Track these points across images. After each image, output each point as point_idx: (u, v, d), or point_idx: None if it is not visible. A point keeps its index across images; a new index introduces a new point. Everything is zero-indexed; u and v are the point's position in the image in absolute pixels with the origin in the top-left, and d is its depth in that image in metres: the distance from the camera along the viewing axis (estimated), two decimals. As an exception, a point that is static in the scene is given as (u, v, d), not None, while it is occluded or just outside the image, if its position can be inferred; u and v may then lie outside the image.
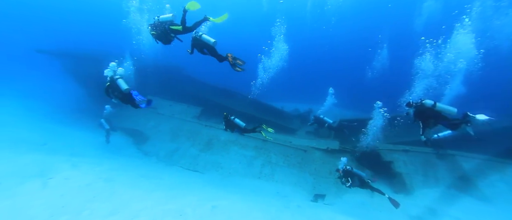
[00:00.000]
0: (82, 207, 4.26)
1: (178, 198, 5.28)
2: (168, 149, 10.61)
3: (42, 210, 4.16)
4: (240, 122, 7.07)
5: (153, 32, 5.32)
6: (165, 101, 13.13)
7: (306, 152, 9.33)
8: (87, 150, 8.34)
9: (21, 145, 7.16)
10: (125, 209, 4.37)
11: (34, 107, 12.42)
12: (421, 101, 5.32)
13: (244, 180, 8.81)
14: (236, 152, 10.05)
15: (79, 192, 4.72)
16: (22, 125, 9.21)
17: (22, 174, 5.34)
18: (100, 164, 6.73)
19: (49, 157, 6.38)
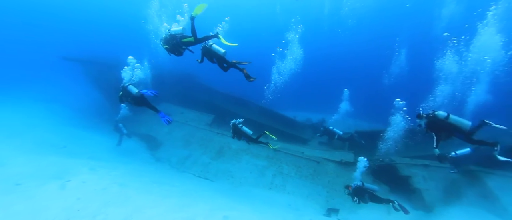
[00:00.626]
0: (97, 211, 4.34)
1: (189, 206, 5.27)
2: (180, 155, 10.71)
3: (59, 212, 4.28)
4: (248, 130, 7.06)
5: (166, 46, 5.52)
6: (179, 108, 13.38)
7: (319, 163, 9.12)
8: (104, 153, 8.59)
9: (43, 147, 7.50)
10: (138, 215, 4.40)
11: (58, 111, 13.05)
12: (433, 112, 5.11)
13: (255, 190, 8.69)
14: (248, 161, 9.98)
15: (95, 196, 4.82)
16: (46, 128, 9.68)
17: (42, 176, 5.55)
18: (115, 168, 6.89)
19: (68, 160, 6.61)
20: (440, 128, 5.03)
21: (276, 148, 7.38)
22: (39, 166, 5.95)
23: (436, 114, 5.03)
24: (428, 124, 5.16)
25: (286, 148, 10.22)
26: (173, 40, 5.38)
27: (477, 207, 7.53)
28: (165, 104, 13.92)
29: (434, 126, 5.10)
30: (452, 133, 4.97)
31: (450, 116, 4.90)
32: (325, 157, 9.19)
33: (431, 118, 5.10)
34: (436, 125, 5.05)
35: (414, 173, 8.61)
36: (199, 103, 13.73)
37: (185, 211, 4.96)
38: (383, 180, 8.57)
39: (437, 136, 5.11)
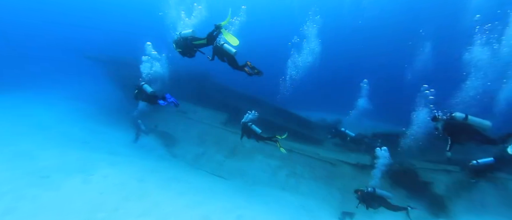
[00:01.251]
0: (118, 206, 4.53)
1: (204, 204, 5.37)
2: (195, 153, 10.92)
3: (83, 205, 4.51)
4: (257, 129, 7.12)
5: (179, 49, 5.66)
6: (195, 106, 13.62)
7: (334, 165, 8.95)
8: (123, 149, 8.93)
9: (68, 142, 7.93)
10: (155, 211, 4.55)
11: (81, 108, 13.77)
12: (450, 114, 4.82)
13: (268, 190, 8.69)
14: (261, 161, 9.99)
15: (115, 191, 5.04)
16: (70, 124, 10.24)
17: (67, 169, 5.88)
18: (133, 163, 7.16)
19: (90, 154, 6.96)
20: (459, 131, 4.74)
21: (283, 151, 7.33)
22: (65, 160, 6.29)
23: (453, 115, 4.74)
24: (445, 126, 4.88)
25: (299, 148, 10.12)
26: (185, 43, 5.50)
27: (503, 217, 7.10)
28: (180, 102, 14.19)
29: (452, 129, 4.81)
30: (471, 136, 4.69)
31: (468, 117, 4.60)
32: (341, 159, 9.00)
33: (448, 120, 4.82)
34: (454, 127, 4.77)
35: (435, 179, 8.24)
36: (213, 102, 13.90)
37: (200, 209, 5.06)
38: (402, 184, 8.26)
39: (453, 139, 4.82)
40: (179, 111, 13.52)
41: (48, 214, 4.23)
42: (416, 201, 7.89)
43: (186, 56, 5.81)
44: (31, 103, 12.94)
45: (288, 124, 12.33)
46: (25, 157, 6.20)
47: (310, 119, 13.82)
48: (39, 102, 13.42)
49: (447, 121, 4.84)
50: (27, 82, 18.04)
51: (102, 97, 15.87)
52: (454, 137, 4.81)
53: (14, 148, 6.65)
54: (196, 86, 14.69)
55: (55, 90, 16.86)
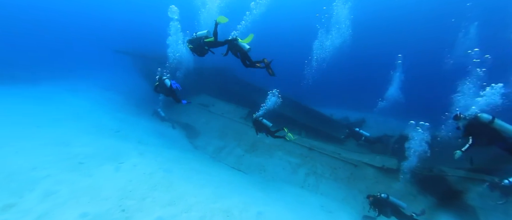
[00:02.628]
0: (146, 194, 4.78)
1: (225, 197, 5.48)
2: (216, 146, 11.16)
3: (114, 191, 4.81)
4: (268, 122, 7.35)
5: (191, 46, 6.00)
6: (216, 100, 13.86)
7: (357, 167, 8.67)
8: (150, 138, 9.36)
9: (100, 130, 8.47)
10: (180, 202, 4.73)
11: (112, 98, 14.68)
12: (476, 114, 4.48)
13: (286, 187, 8.66)
14: (281, 158, 9.96)
15: (143, 180, 5.31)
16: (102, 113, 10.94)
17: (100, 157, 6.29)
18: (160, 154, 7.49)
19: (121, 143, 7.38)
20: (481, 133, 4.38)
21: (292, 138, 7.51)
22: (98, 147, 6.74)
23: (478, 116, 4.40)
24: (468, 127, 4.56)
25: (320, 147, 9.92)
26: (198, 41, 5.86)
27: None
28: (203, 95, 14.55)
29: (474, 130, 4.46)
30: (495, 141, 4.30)
31: (495, 120, 4.24)
32: (364, 161, 8.67)
33: (472, 120, 4.48)
34: (477, 129, 4.42)
35: (468, 188, 7.65)
36: (235, 96, 14.04)
37: (221, 202, 5.17)
38: (431, 192, 7.80)
39: (474, 142, 4.44)
40: (201, 104, 13.87)
41: (83, 198, 4.57)
42: (445, 210, 7.43)
43: (196, 54, 6.16)
44: (68, 92, 13.99)
45: (309, 121, 12.13)
46: (62, 143, 6.73)
47: (333, 117, 13.46)
48: (75, 91, 14.47)
49: (470, 121, 4.52)
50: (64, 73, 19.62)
51: (131, 88, 16.79)
52: (475, 139, 4.45)
53: (53, 135, 7.24)
54: (218, 80, 14.94)
55: (89, 81, 18.13)
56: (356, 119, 13.72)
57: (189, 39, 6.05)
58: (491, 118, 4.29)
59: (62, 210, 4.20)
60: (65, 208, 4.24)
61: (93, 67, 24.36)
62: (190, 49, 6.07)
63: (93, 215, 4.06)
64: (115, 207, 4.33)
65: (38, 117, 8.68)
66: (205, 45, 5.88)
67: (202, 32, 5.89)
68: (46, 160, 5.70)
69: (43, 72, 18.47)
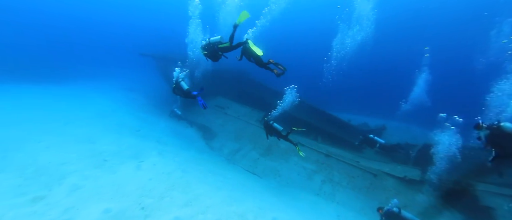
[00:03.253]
0: (164, 194, 4.91)
1: (240, 201, 5.49)
2: (231, 148, 11.25)
3: (135, 189, 5.00)
4: (278, 126, 7.36)
5: (205, 52, 6.17)
6: (233, 103, 14.01)
7: (376, 177, 8.33)
8: (168, 138, 9.65)
9: (123, 129, 8.86)
10: (197, 203, 4.81)
11: (134, 99, 15.37)
12: (497, 123, 4.19)
13: (301, 193, 8.52)
14: (296, 163, 9.83)
15: (162, 179, 5.47)
16: (124, 112, 11.47)
17: (123, 155, 6.58)
18: (178, 154, 7.68)
19: (141, 142, 7.67)
20: (504, 145, 4.09)
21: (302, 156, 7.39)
22: (120, 145, 7.05)
23: (501, 126, 4.12)
24: (490, 137, 4.27)
25: (338, 154, 9.67)
26: (212, 47, 6.01)
27: None
28: (220, 98, 14.77)
29: (497, 140, 4.18)
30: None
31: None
32: (385, 171, 8.32)
33: (494, 130, 4.19)
34: (499, 139, 4.14)
35: (498, 205, 7.08)
36: (251, 99, 14.11)
37: (237, 206, 5.19)
38: (457, 206, 7.31)
39: (498, 153, 4.18)
40: (218, 106, 14.09)
41: (106, 194, 4.78)
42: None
43: (210, 59, 6.32)
44: (94, 92, 14.82)
45: (325, 126, 11.88)
46: (89, 141, 7.12)
47: (351, 123, 13.10)
48: (101, 91, 15.30)
49: (492, 131, 4.23)
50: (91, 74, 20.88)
51: (152, 90, 17.48)
52: (499, 149, 4.18)
53: (79, 132, 7.68)
54: (234, 83, 15.12)
55: (114, 82, 19.17)
56: (376, 125, 13.23)
57: (203, 45, 6.23)
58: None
59: (87, 204, 4.42)
60: (90, 203, 4.46)
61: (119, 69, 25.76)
62: (204, 55, 6.27)
63: (115, 212, 4.24)
64: (135, 205, 4.49)
65: (67, 115, 9.25)
66: (219, 51, 6.05)
67: (216, 38, 6.05)
68: (74, 156, 6.05)
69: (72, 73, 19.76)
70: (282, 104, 8.43)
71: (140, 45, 28.74)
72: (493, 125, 4.29)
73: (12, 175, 5.06)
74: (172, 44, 16.44)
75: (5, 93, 11.69)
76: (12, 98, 11.02)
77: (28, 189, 4.70)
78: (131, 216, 4.21)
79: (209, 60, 6.38)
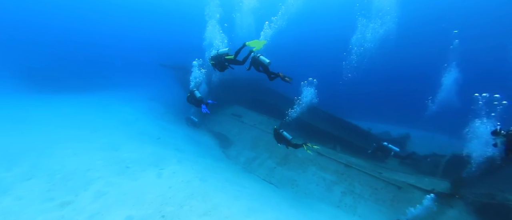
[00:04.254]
0: (183, 202, 4.95)
1: (258, 212, 5.40)
2: (248, 156, 11.21)
3: (156, 197, 5.08)
4: (288, 135, 7.61)
5: (213, 62, 6.47)
6: (249, 111, 14.06)
7: (400, 189, 7.88)
8: (186, 146, 9.82)
9: (144, 137, 9.15)
10: (215, 213, 4.79)
11: (155, 107, 15.95)
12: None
13: (320, 205, 8.22)
14: (314, 173, 9.56)
15: (182, 187, 5.53)
16: (146, 121, 11.89)
17: (144, 162, 6.76)
18: (196, 162, 7.77)
19: (162, 150, 7.85)
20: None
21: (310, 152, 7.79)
22: (142, 153, 7.26)
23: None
24: (508, 143, 4.13)
25: (358, 164, 9.29)
26: (219, 58, 6.31)
27: None
28: (236, 106, 14.89)
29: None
30: None
31: None
32: (410, 183, 7.85)
33: (510, 136, 4.10)
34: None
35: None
36: (267, 107, 14.09)
37: (254, 217, 5.10)
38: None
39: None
40: (234, 115, 14.20)
41: (128, 201, 4.91)
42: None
43: (217, 69, 6.61)
44: (118, 101, 15.56)
45: (344, 135, 11.53)
46: (112, 148, 7.41)
47: (371, 131, 12.62)
48: (124, 100, 16.04)
49: (509, 136, 4.11)
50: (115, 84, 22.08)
51: (171, 99, 18.08)
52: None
53: (105, 140, 8.03)
54: (250, 91, 15.21)
55: (136, 91, 20.10)
56: (399, 134, 12.63)
57: (212, 56, 6.54)
58: None
59: (111, 211, 4.55)
60: (113, 209, 4.59)
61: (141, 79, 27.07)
62: (212, 65, 6.57)
63: (137, 219, 4.32)
64: (156, 213, 4.56)
65: (92, 123, 9.74)
66: (226, 62, 6.32)
67: (224, 49, 6.32)
68: (99, 163, 6.31)
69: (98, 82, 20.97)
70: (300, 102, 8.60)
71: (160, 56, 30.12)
72: (510, 131, 4.13)
73: (42, 181, 5.36)
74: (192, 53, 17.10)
75: (37, 103, 12.59)
76: (43, 107, 11.83)
77: (56, 194, 4.93)
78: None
79: (216, 70, 6.66)
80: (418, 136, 13.06)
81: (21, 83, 17.22)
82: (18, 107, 11.19)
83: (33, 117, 9.80)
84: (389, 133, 13.48)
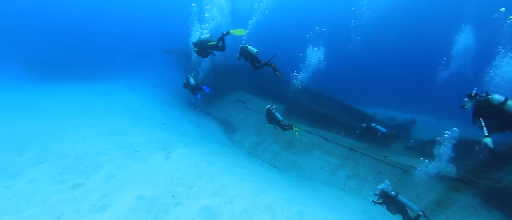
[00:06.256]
0: (192, 183, 5.05)
1: (266, 193, 5.50)
2: (252, 141, 11.31)
3: (165, 178, 5.19)
4: (279, 116, 8.09)
5: (196, 48, 6.67)
6: (253, 97, 14.03)
7: (406, 172, 7.92)
8: (192, 131, 9.92)
9: (150, 123, 9.23)
10: (224, 192, 4.89)
11: (159, 94, 16.02)
12: (486, 94, 3.98)
13: (325, 188, 8.35)
14: (319, 157, 9.63)
15: (190, 169, 5.63)
16: (151, 107, 11.97)
17: (152, 146, 6.86)
18: (202, 146, 7.87)
19: (168, 135, 7.95)
20: (491, 116, 3.88)
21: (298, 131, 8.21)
22: (149, 138, 7.35)
23: (489, 97, 3.92)
24: (477, 108, 4.05)
25: (363, 148, 9.32)
26: (202, 44, 6.52)
27: None
28: (240, 92, 14.85)
29: (483, 113, 3.97)
30: (507, 125, 3.77)
31: (508, 101, 3.72)
32: (416, 166, 7.88)
33: (481, 101, 4.00)
34: (486, 111, 3.94)
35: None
36: (272, 93, 14.03)
37: (262, 197, 5.20)
38: (497, 206, 6.73)
39: (487, 125, 3.90)
40: (238, 101, 14.20)
41: (139, 182, 5.02)
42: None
43: (200, 56, 6.86)
44: (123, 88, 15.62)
45: (349, 120, 11.50)
46: (120, 133, 7.51)
47: (376, 116, 12.56)
48: (129, 87, 16.11)
49: (479, 102, 4.04)
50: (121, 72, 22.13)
51: (174, 85, 18.10)
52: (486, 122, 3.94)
53: (113, 125, 8.12)
54: (254, 77, 15.12)
55: (139, 78, 20.14)
56: (405, 119, 12.56)
57: (194, 43, 6.69)
58: (504, 99, 3.78)
59: (122, 191, 4.67)
60: (124, 190, 4.72)
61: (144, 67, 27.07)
62: (195, 52, 6.77)
63: (148, 199, 4.44)
64: (166, 193, 4.67)
65: (100, 110, 9.84)
66: (208, 48, 6.54)
67: (205, 36, 6.56)
68: (108, 147, 6.42)
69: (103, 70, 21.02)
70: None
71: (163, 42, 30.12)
72: (481, 96, 4.06)
73: (54, 164, 5.48)
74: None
75: (43, 91, 12.71)
76: (49, 95, 11.94)
77: (68, 177, 5.06)
78: (162, 203, 4.39)
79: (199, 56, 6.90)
80: (423, 122, 12.97)
81: (26, 72, 17.33)
82: (25, 96, 11.31)
83: (40, 104, 9.92)
84: (394, 118, 13.40)
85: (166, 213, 4.17)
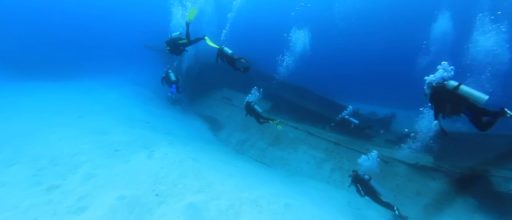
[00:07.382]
0: (177, 181, 4.94)
1: (252, 188, 5.50)
2: (239, 138, 11.28)
3: (148, 177, 5.04)
4: (258, 108, 8.44)
5: (168, 47, 6.73)
6: (239, 93, 13.97)
7: (387, 163, 8.24)
8: (176, 130, 9.70)
9: (132, 121, 8.92)
10: (210, 189, 4.83)
11: (141, 92, 15.49)
12: (443, 80, 4.25)
13: (311, 181, 8.51)
14: (305, 152, 9.79)
15: (174, 167, 5.50)
16: (133, 106, 11.54)
17: (134, 145, 6.63)
18: (187, 144, 7.72)
19: (151, 134, 7.71)
20: (445, 100, 4.13)
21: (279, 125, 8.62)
22: (131, 136, 7.10)
23: (445, 83, 4.19)
24: (434, 94, 4.34)
25: (347, 141, 9.58)
26: (173, 42, 6.60)
27: None
28: (225, 89, 14.72)
29: (438, 97, 4.25)
30: (460, 108, 4.00)
31: (460, 86, 3.99)
32: (396, 158, 8.21)
33: (437, 87, 4.27)
34: (441, 95, 4.21)
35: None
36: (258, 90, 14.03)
37: (249, 192, 5.20)
38: (471, 193, 7.18)
39: (438, 108, 4.25)
40: (224, 98, 14.07)
41: (120, 182, 4.84)
42: (487, 215, 6.81)
43: (174, 54, 6.94)
44: (103, 87, 14.96)
45: (332, 115, 11.75)
46: (100, 132, 7.19)
47: (359, 112, 12.93)
48: (109, 86, 15.45)
49: (436, 88, 4.30)
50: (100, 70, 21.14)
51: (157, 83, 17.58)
52: (438, 106, 4.25)
53: (92, 125, 7.76)
54: (240, 74, 15.03)
55: (122, 76, 19.36)
56: (385, 114, 13.03)
57: (166, 42, 6.69)
58: (457, 84, 4.05)
59: (102, 192, 4.48)
60: (104, 190, 4.52)
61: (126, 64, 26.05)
62: (168, 50, 6.82)
63: (130, 198, 4.28)
64: (149, 192, 4.53)
65: (78, 109, 9.36)
66: (180, 46, 6.62)
67: (175, 33, 6.62)
68: (86, 147, 6.12)
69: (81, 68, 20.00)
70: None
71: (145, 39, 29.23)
72: (438, 83, 4.31)
73: (27, 166, 5.15)
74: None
75: (20, 90, 11.90)
76: (23, 94, 11.20)
77: (43, 179, 4.77)
78: (145, 202, 4.25)
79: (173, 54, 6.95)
80: (404, 116, 13.51)
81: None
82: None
83: (14, 104, 9.28)
84: (375, 113, 13.87)
85: (150, 212, 4.05)
